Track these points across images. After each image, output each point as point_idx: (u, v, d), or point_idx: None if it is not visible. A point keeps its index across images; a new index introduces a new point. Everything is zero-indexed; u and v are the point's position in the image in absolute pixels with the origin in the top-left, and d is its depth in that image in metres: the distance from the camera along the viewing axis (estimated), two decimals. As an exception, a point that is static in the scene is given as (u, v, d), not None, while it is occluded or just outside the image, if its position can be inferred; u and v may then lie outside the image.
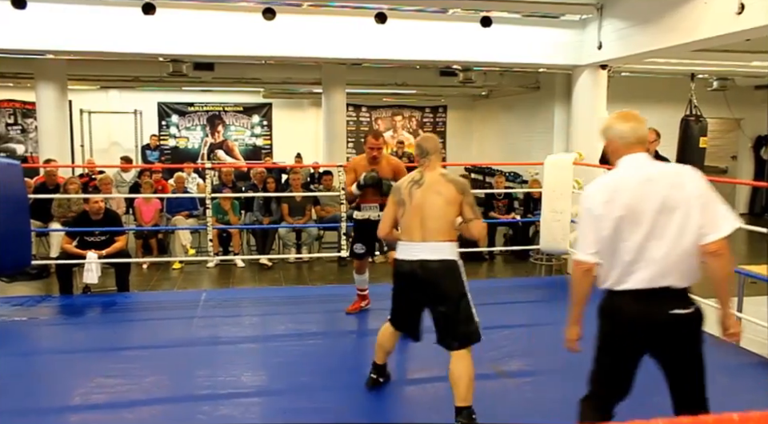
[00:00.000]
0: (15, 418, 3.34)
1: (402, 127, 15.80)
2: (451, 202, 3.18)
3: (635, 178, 2.39)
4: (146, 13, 7.02)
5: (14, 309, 5.32)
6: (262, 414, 3.52)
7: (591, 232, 2.44)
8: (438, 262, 3.16)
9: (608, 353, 2.51)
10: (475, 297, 4.38)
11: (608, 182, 2.45)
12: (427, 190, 3.20)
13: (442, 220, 3.17)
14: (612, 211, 2.37)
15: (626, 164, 2.45)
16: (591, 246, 2.44)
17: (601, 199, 2.41)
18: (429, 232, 3.17)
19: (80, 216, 6.28)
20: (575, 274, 2.54)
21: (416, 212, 3.19)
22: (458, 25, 7.93)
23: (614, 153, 2.52)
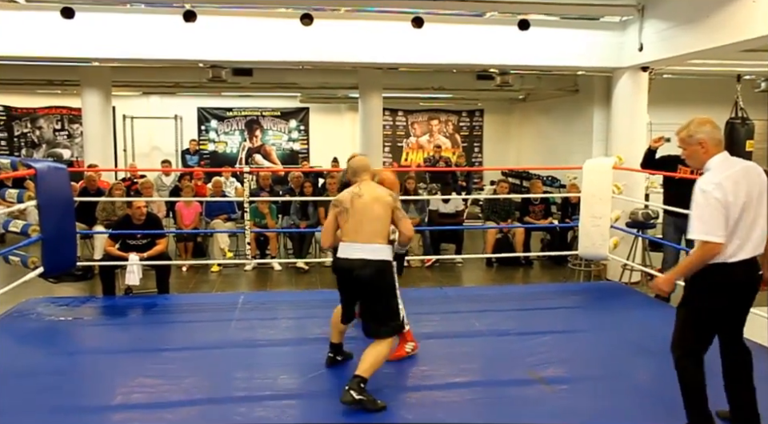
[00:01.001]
0: (61, 415, 3.44)
1: (438, 131, 15.76)
2: (386, 206, 3.65)
3: (741, 171, 2.92)
4: (187, 20, 7.16)
5: (61, 308, 5.47)
6: (298, 416, 3.54)
7: (722, 217, 2.83)
8: (374, 262, 3.58)
9: (713, 313, 2.98)
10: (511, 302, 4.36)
11: (728, 174, 2.89)
12: (367, 198, 3.66)
13: (379, 223, 3.63)
14: (739, 198, 2.86)
15: (724, 161, 2.96)
16: (722, 229, 2.84)
17: (731, 189, 2.85)
18: (368, 235, 3.60)
19: (123, 219, 6.43)
20: (706, 253, 2.86)
21: (358, 217, 3.64)
22: (495, 28, 7.88)
23: (705, 152, 2.97)
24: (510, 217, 8.65)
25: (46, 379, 3.92)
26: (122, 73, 10.65)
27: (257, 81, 11.71)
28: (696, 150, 2.99)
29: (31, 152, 14.49)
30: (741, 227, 2.88)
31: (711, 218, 2.84)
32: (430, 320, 5.22)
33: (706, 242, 2.84)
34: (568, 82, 11.86)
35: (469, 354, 4.45)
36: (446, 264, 8.38)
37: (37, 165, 5.62)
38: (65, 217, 5.74)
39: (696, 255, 2.91)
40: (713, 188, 2.84)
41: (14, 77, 10.94)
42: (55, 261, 5.64)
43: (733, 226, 2.87)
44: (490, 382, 3.98)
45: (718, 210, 2.83)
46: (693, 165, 3.14)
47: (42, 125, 14.67)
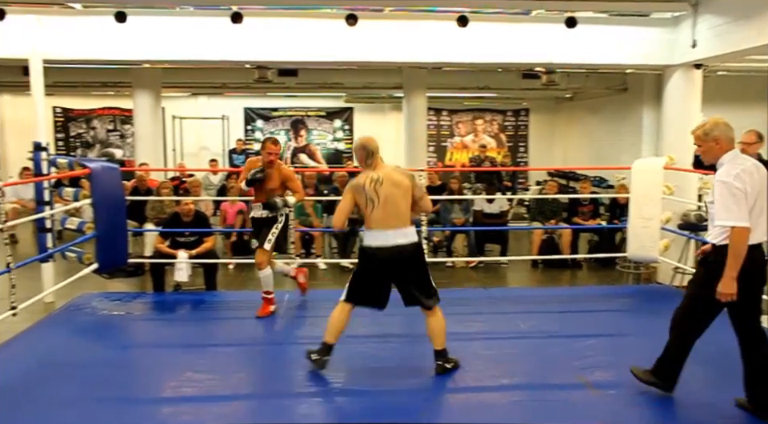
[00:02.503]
0: (114, 406, 3.53)
1: (483, 131, 15.64)
2: (407, 191, 3.82)
3: (753, 165, 3.25)
4: (234, 22, 7.29)
5: (113, 303, 5.63)
6: (343, 412, 3.56)
7: (745, 205, 3.15)
8: (411, 244, 3.81)
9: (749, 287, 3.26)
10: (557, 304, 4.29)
11: (744, 168, 3.21)
12: (389, 185, 3.78)
13: (406, 208, 3.82)
14: (755, 188, 3.20)
15: (736, 156, 3.28)
16: (746, 215, 3.15)
17: (747, 180, 3.17)
18: (399, 221, 3.78)
19: (172, 217, 6.58)
20: (743, 237, 3.15)
21: (386, 206, 3.76)
22: (542, 26, 7.78)
23: (720, 149, 3.28)
24: (557, 217, 8.51)
25: (100, 371, 4.04)
26: (171, 74, 10.90)
27: (302, 81, 11.84)
28: (711, 146, 3.32)
29: (86, 152, 14.98)
30: (752, 215, 3.20)
31: (736, 206, 3.14)
32: (474, 321, 5.19)
33: (735, 227, 3.14)
34: (616, 81, 11.61)
35: (514, 356, 4.39)
36: (490, 265, 8.31)
37: (91, 164, 5.81)
38: (117, 215, 5.92)
39: (734, 243, 3.17)
40: (733, 179, 3.16)
41: (70, 79, 11.31)
42: (108, 257, 5.82)
43: (753, 211, 3.20)
44: (536, 385, 3.92)
45: (741, 198, 3.15)
46: (707, 160, 3.41)
47: (96, 125, 15.14)
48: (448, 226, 8.32)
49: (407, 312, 5.51)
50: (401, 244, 3.77)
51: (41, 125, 6.36)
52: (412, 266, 3.85)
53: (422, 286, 3.89)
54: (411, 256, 3.82)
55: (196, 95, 14.65)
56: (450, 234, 8.42)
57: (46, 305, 5.82)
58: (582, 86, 12.34)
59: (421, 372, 4.08)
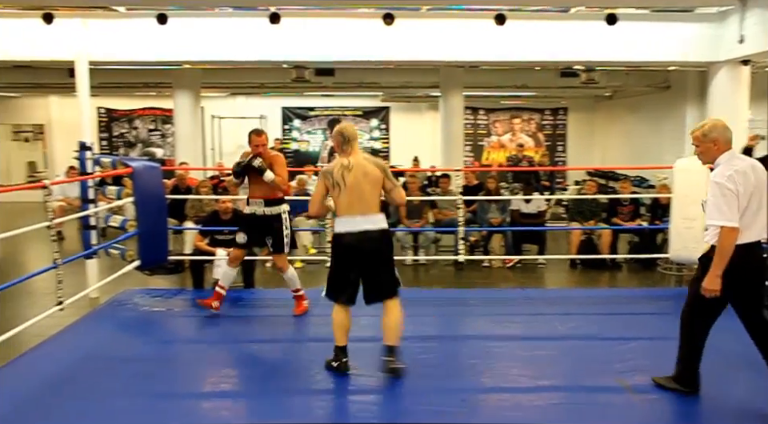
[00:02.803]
0: (155, 400, 3.61)
1: (520, 130, 15.49)
2: (376, 179, 3.82)
3: (748, 166, 3.34)
4: (272, 22, 7.37)
5: (154, 299, 5.74)
6: (378, 412, 3.56)
7: (735, 205, 3.24)
8: (378, 231, 3.82)
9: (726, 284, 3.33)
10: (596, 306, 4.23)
11: (737, 168, 3.29)
12: (358, 172, 3.79)
13: (373, 196, 3.82)
14: (748, 188, 3.28)
15: (732, 157, 3.36)
16: (737, 215, 3.24)
17: (740, 180, 3.25)
18: (366, 207, 3.79)
19: (211, 216, 6.68)
20: (730, 238, 3.25)
21: (352, 192, 3.78)
22: (581, 23, 7.68)
23: (717, 150, 3.39)
24: (596, 218, 8.38)
25: (142, 365, 4.13)
26: (210, 75, 11.09)
27: (339, 80, 11.91)
28: (709, 147, 3.41)
29: (128, 151, 15.34)
30: (748, 214, 3.30)
31: (727, 206, 3.25)
32: (511, 321, 5.14)
33: (724, 226, 3.25)
34: (658, 78, 11.37)
35: (552, 358, 4.34)
36: (528, 265, 8.22)
37: (134, 163, 5.94)
38: (158, 213, 6.04)
39: (721, 242, 3.28)
40: (726, 180, 3.26)
41: (114, 81, 11.59)
42: (149, 254, 5.94)
43: (742, 212, 3.28)
44: (574, 387, 3.86)
45: (732, 199, 3.25)
46: (704, 161, 3.51)
47: (138, 125, 15.49)
48: (485, 225, 8.26)
49: (445, 312, 5.54)
50: (368, 229, 3.78)
51: (86, 125, 6.53)
52: (380, 252, 3.86)
53: (386, 276, 3.88)
54: (379, 242, 3.83)
55: (234, 95, 14.86)
56: (486, 234, 8.36)
57: (91, 300, 5.98)
58: (622, 84, 12.12)
59: (458, 373, 4.06)
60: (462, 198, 6.85)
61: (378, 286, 3.88)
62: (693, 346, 3.53)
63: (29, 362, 4.24)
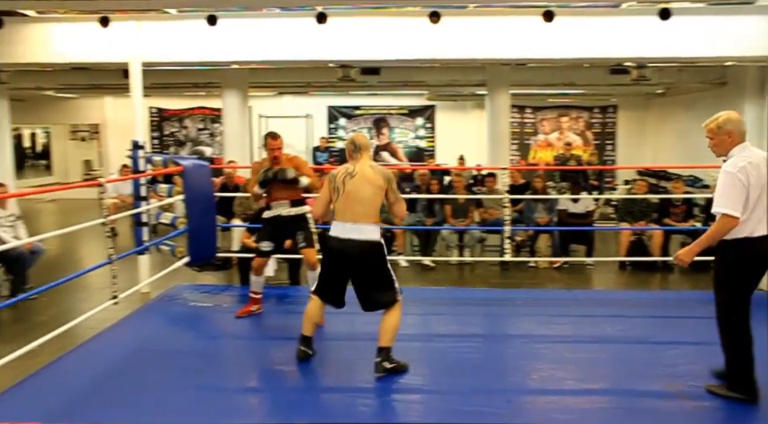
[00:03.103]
0: (205, 394, 3.69)
1: (568, 128, 15.23)
2: (377, 190, 3.79)
3: (760, 159, 3.37)
4: (319, 22, 7.42)
5: (203, 295, 5.87)
6: (422, 412, 3.56)
7: (742, 196, 3.29)
8: (364, 241, 3.76)
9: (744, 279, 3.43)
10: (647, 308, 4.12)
11: (750, 161, 3.34)
12: (359, 180, 3.79)
13: (369, 206, 3.78)
14: (758, 182, 3.32)
15: (745, 149, 3.41)
16: (741, 206, 3.29)
17: (753, 173, 3.31)
18: (358, 215, 3.76)
19: (258, 213, 6.77)
20: (726, 225, 3.32)
21: (348, 198, 3.79)
22: (633, 19, 7.48)
23: (731, 142, 3.43)
24: (647, 218, 8.16)
25: (191, 359, 4.23)
26: (258, 74, 11.25)
27: (384, 79, 11.93)
28: (723, 139, 3.46)
29: (178, 150, 15.71)
30: (759, 206, 3.32)
31: (734, 196, 3.30)
32: (558, 323, 5.06)
33: (726, 214, 3.30)
34: (714, 74, 11.00)
35: (599, 360, 4.25)
36: (575, 266, 8.07)
37: (184, 162, 6.08)
38: (207, 210, 6.16)
39: (716, 228, 3.36)
40: (737, 170, 3.31)
41: (165, 81, 11.86)
42: (199, 251, 6.07)
43: (754, 205, 3.32)
44: (623, 391, 3.78)
45: (740, 190, 3.29)
46: (718, 153, 3.54)
47: (188, 124, 15.85)
48: (531, 225, 8.15)
49: (490, 312, 5.49)
50: (353, 239, 3.76)
51: (139, 124, 6.71)
52: (364, 263, 3.82)
53: (377, 285, 3.84)
54: (363, 254, 3.79)
55: (281, 94, 15.05)
56: (533, 234, 8.25)
57: (142, 295, 6.14)
58: (675, 81, 11.76)
59: (503, 373, 4.03)
60: (508, 197, 6.78)
61: (369, 297, 3.87)
62: (740, 350, 3.45)
63: (85, 354, 4.40)
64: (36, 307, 5.98)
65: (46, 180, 17.90)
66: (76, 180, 16.86)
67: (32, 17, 8.02)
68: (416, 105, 15.28)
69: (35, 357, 4.24)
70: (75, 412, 3.46)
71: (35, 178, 18.64)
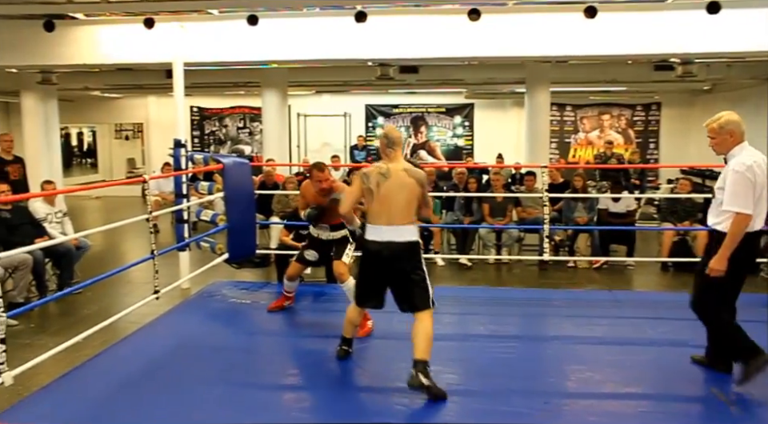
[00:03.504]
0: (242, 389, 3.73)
1: (609, 126, 14.94)
2: (412, 191, 3.73)
3: (761, 159, 3.57)
4: (358, 21, 7.44)
5: (241, 292, 5.95)
6: (458, 412, 3.53)
7: (752, 194, 3.49)
8: (402, 243, 3.71)
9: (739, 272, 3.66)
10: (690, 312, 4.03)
11: (756, 161, 3.53)
12: (394, 183, 3.70)
13: (405, 209, 3.72)
14: (764, 180, 3.53)
15: (746, 148, 3.61)
16: (752, 204, 3.49)
17: (758, 172, 3.50)
18: (393, 217, 3.70)
19: (296, 211, 6.83)
20: (743, 223, 3.50)
21: (383, 201, 3.71)
22: (678, 13, 7.29)
23: (733, 141, 3.61)
24: (691, 218, 7.95)
25: (229, 355, 4.29)
26: (297, 73, 11.35)
27: (423, 78, 11.90)
28: (725, 138, 3.63)
29: (218, 148, 15.96)
30: (760, 203, 3.54)
31: (745, 194, 3.48)
32: (597, 324, 4.98)
33: (741, 213, 3.47)
34: (764, 70, 10.64)
35: (641, 364, 4.16)
36: (615, 266, 7.92)
37: (224, 160, 6.16)
38: (247, 208, 6.24)
39: (734, 228, 3.50)
40: (745, 169, 3.48)
41: (205, 80, 12.06)
42: (238, 248, 6.15)
43: (756, 202, 3.51)
44: (666, 396, 3.68)
45: (749, 188, 3.48)
46: (719, 152, 3.71)
47: (228, 123, 16.09)
48: (570, 224, 8.03)
49: (528, 313, 5.43)
50: (392, 241, 3.69)
51: (180, 123, 6.83)
52: (403, 264, 3.73)
53: (414, 288, 3.74)
54: (402, 255, 3.71)
55: (320, 93, 15.14)
56: (572, 233, 8.12)
57: (182, 290, 6.26)
58: (723, 77, 11.43)
59: (541, 375, 3.97)
60: (547, 196, 6.68)
61: (405, 298, 3.79)
62: (732, 328, 3.71)
63: (127, 348, 4.50)
64: (82, 301, 6.14)
65: (91, 177, 18.42)
66: (120, 177, 17.28)
67: (81, 20, 8.25)
68: (454, 103, 15.20)
69: (80, 349, 4.37)
70: (115, 403, 3.54)
71: (81, 175, 19.20)
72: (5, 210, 5.97)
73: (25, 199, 6.69)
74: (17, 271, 5.80)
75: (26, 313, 4.94)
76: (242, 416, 3.40)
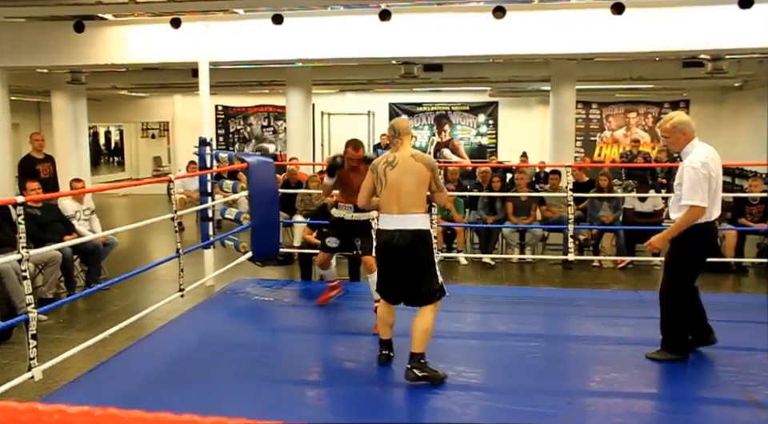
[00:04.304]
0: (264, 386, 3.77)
1: (636, 124, 14.73)
2: (422, 180, 3.72)
3: (713, 153, 3.88)
4: (382, 19, 7.43)
5: (265, 289, 5.99)
6: (481, 411, 3.51)
7: (707, 187, 3.74)
8: (411, 231, 3.68)
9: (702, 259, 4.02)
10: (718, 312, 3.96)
11: (709, 155, 3.82)
12: (400, 170, 3.70)
13: (414, 196, 3.71)
14: (718, 173, 3.86)
15: (698, 144, 3.89)
16: (707, 196, 3.75)
17: (712, 167, 3.79)
18: (403, 205, 3.69)
19: (319, 210, 6.86)
20: (695, 215, 3.77)
21: (391, 189, 3.72)
22: (708, 8, 7.15)
23: (686, 140, 3.90)
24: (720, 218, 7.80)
25: (252, 352, 4.33)
26: (321, 72, 11.37)
27: (447, 76, 11.85)
28: (679, 137, 3.92)
29: (243, 147, 16.08)
30: (717, 195, 3.86)
31: (701, 188, 3.74)
32: (623, 324, 4.92)
33: (696, 206, 3.74)
34: (797, 66, 10.40)
35: (668, 365, 4.09)
36: (641, 266, 7.81)
37: (249, 159, 6.21)
38: (270, 207, 6.28)
39: (687, 217, 3.79)
40: (700, 166, 3.75)
41: (230, 79, 12.16)
42: (262, 246, 6.20)
43: (713, 193, 3.81)
44: (695, 398, 3.63)
45: (705, 183, 3.74)
46: (674, 149, 4.16)
47: (252, 122, 16.20)
48: (595, 223, 7.93)
49: (552, 312, 5.39)
50: (401, 229, 3.68)
51: (206, 122, 6.89)
52: (412, 253, 3.69)
53: (424, 278, 3.72)
54: (413, 245, 3.67)
55: (343, 92, 15.17)
56: (597, 233, 8.02)
57: (207, 288, 6.32)
58: (754, 74, 11.18)
59: (564, 374, 3.94)
60: (572, 195, 6.61)
61: (411, 289, 3.76)
62: (682, 320, 4.01)
63: (152, 344, 4.56)
64: (109, 297, 6.24)
65: (118, 176, 18.72)
66: (146, 176, 17.53)
67: (110, 20, 8.37)
68: (478, 101, 15.11)
69: (107, 345, 4.44)
70: (141, 398, 3.59)
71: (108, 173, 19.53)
72: (36, 208, 6.08)
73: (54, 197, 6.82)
74: (47, 267, 5.91)
75: (56, 309, 5.03)
76: (264, 412, 3.42)
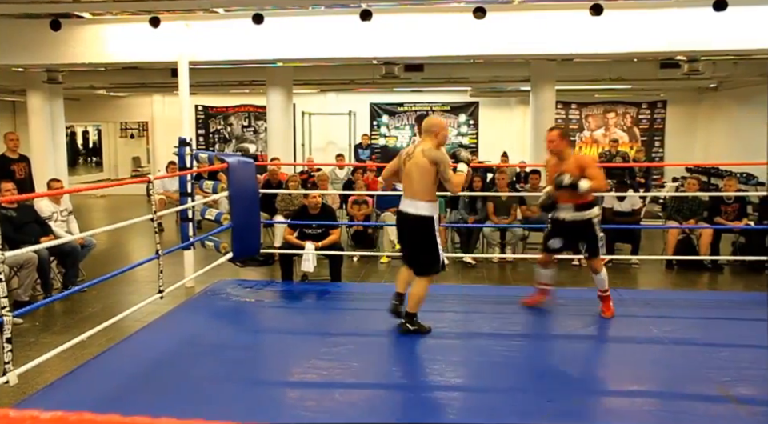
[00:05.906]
0: (245, 387, 3.74)
1: (614, 125, 14.90)
2: (425, 170, 4.32)
3: None
4: (363, 19, 7.42)
5: (245, 290, 5.96)
6: (461, 410, 3.53)
7: None
8: (415, 215, 4.38)
9: None
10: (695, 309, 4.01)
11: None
12: (412, 162, 4.39)
13: (420, 184, 4.35)
14: None
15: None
16: None
17: None
18: (412, 192, 4.40)
19: (300, 210, 6.84)
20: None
21: (406, 177, 4.44)
22: (685, 11, 7.24)
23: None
24: (696, 217, 7.92)
25: (233, 353, 4.30)
26: (302, 72, 11.34)
27: (427, 76, 11.87)
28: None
29: (223, 147, 15.98)
30: None
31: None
32: (602, 322, 4.96)
33: None
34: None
35: (645, 362, 4.15)
36: (620, 264, 7.90)
37: (229, 159, 6.16)
38: (251, 207, 6.24)
39: None
40: None
41: (210, 79, 12.08)
42: (242, 247, 6.15)
43: None
44: (671, 394, 3.68)
45: None
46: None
47: (233, 122, 16.10)
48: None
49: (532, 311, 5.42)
50: (407, 212, 4.41)
51: (185, 122, 6.83)
52: (413, 234, 4.46)
53: (421, 254, 4.48)
54: (413, 225, 4.40)
55: (324, 91, 15.14)
56: (577, 232, 8.09)
57: (187, 289, 6.27)
58: (729, 75, 11.36)
59: (544, 373, 3.96)
60: (551, 195, 6.65)
61: (412, 260, 4.56)
62: None
63: (132, 346, 4.51)
64: (86, 299, 6.17)
65: (96, 176, 18.49)
66: (125, 176, 17.34)
67: (87, 18, 8.26)
68: (459, 101, 15.18)
69: (86, 347, 4.39)
70: (120, 401, 3.55)
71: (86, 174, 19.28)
72: (10, 209, 5.99)
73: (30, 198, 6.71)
74: (22, 270, 5.82)
75: (32, 311, 4.95)
76: (246, 414, 3.40)
